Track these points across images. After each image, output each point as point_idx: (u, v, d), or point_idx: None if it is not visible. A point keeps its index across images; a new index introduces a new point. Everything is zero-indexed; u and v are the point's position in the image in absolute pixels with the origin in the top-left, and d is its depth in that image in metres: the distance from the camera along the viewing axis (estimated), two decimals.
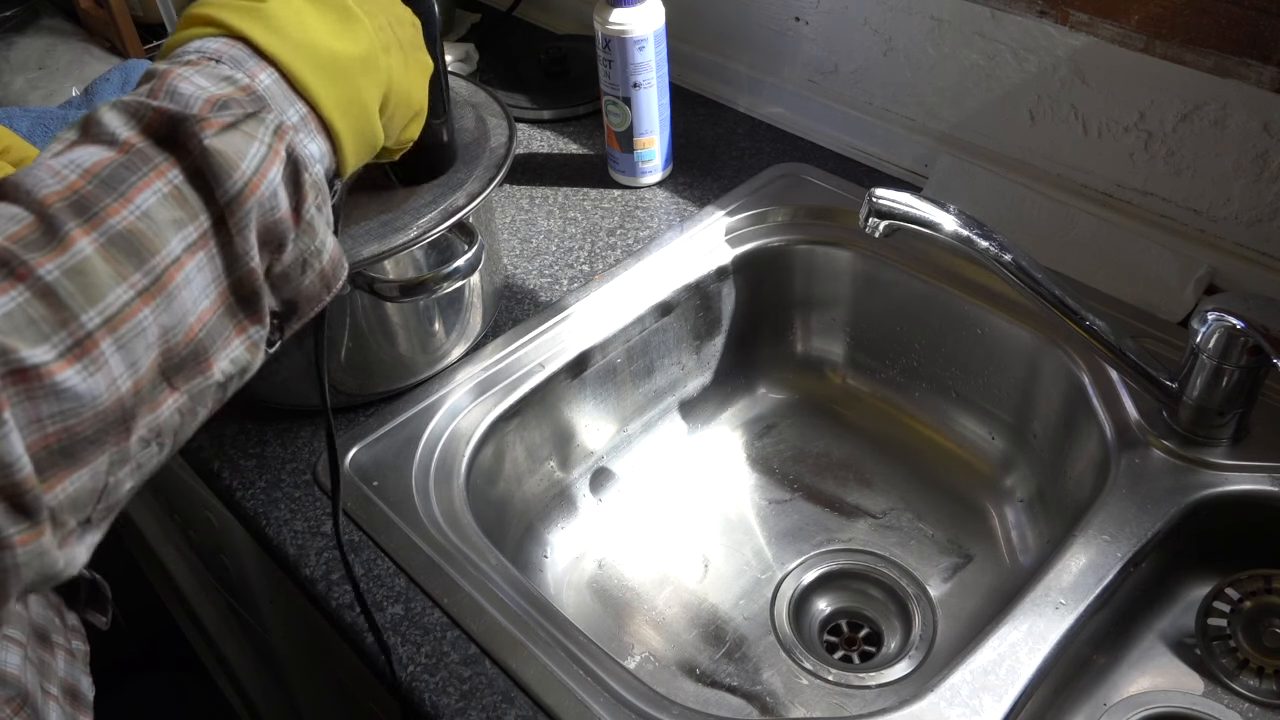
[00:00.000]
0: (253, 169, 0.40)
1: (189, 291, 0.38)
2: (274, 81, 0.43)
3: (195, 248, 0.38)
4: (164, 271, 0.37)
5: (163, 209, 0.37)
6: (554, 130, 1.06)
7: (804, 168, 0.96)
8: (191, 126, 0.39)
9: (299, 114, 0.44)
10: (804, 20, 0.97)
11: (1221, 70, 0.72)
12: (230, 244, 0.40)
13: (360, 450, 0.73)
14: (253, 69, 0.43)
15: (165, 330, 0.37)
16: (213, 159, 0.39)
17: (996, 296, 0.82)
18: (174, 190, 0.38)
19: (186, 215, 0.38)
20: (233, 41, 0.43)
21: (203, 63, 0.42)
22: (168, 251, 0.37)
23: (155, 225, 0.37)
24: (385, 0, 0.51)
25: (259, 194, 0.40)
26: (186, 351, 0.38)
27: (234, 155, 0.39)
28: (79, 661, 0.54)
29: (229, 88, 0.41)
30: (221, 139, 0.39)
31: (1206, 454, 0.68)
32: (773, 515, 0.88)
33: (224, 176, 0.39)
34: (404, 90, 0.50)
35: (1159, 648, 0.70)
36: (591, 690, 0.58)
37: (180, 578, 1.12)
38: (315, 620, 0.67)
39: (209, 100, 0.40)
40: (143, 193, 0.37)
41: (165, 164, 0.38)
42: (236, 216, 0.39)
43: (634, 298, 0.85)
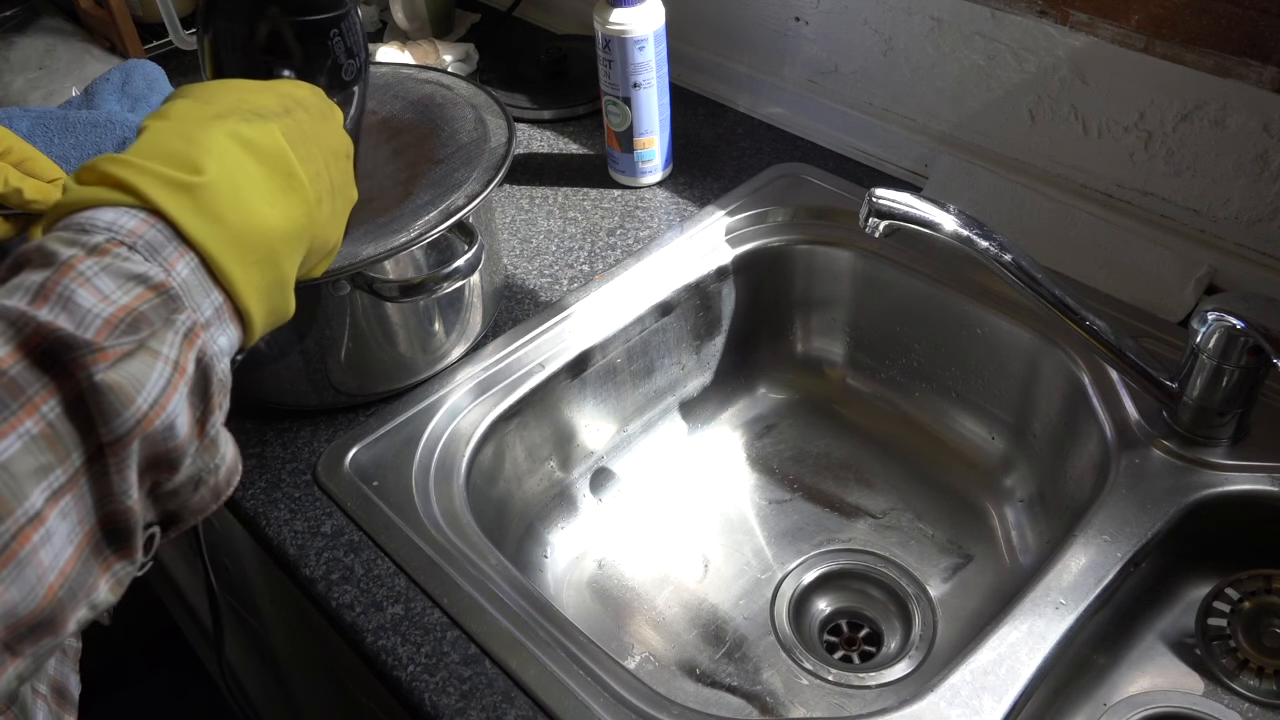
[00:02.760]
0: (150, 402, 0.34)
1: (47, 550, 0.32)
2: (191, 271, 0.38)
3: (61, 493, 0.33)
4: (16, 535, 0.31)
5: (27, 456, 0.32)
6: (554, 130, 1.06)
7: (804, 168, 0.96)
8: (81, 356, 0.33)
9: (214, 306, 0.39)
10: (804, 20, 0.97)
11: (1221, 70, 0.72)
12: (106, 481, 0.34)
13: (360, 450, 0.73)
14: (170, 257, 0.37)
15: (11, 605, 0.32)
16: (102, 396, 0.33)
17: (996, 296, 0.82)
18: (46, 429, 0.32)
19: (56, 458, 0.32)
20: (153, 220, 0.38)
21: (111, 249, 0.36)
22: (24, 509, 0.32)
23: (14, 480, 0.31)
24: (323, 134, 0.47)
25: (153, 429, 0.35)
26: (38, 619, 0.33)
27: (129, 389, 0.34)
28: (69, 659, 0.54)
29: (138, 290, 0.36)
30: (117, 370, 0.34)
31: (1206, 454, 0.68)
32: (773, 515, 0.88)
33: (112, 415, 0.33)
34: (325, 238, 0.47)
35: (1159, 648, 0.70)
36: (591, 690, 0.58)
37: (180, 578, 1.12)
38: (315, 620, 0.67)
39: (109, 321, 0.34)
40: (6, 438, 0.31)
41: (41, 394, 0.32)
42: (119, 455, 0.34)
43: (634, 298, 0.85)
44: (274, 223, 0.41)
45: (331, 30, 0.52)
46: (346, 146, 0.50)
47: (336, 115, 0.50)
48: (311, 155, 0.45)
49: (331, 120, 0.49)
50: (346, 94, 0.53)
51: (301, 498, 0.71)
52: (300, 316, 0.71)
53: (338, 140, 0.49)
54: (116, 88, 0.99)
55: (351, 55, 0.53)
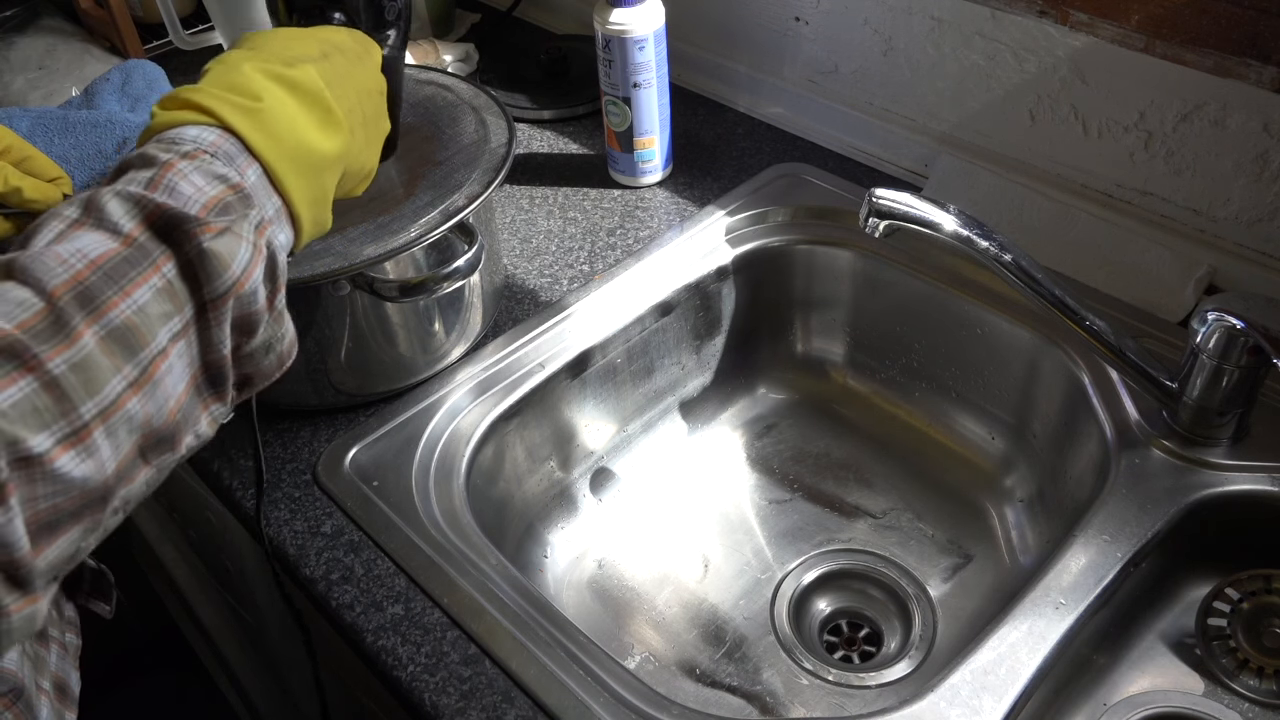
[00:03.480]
0: (240, 270, 0.43)
1: (170, 379, 0.41)
2: (258, 177, 0.46)
3: (178, 337, 0.41)
4: (151, 362, 0.40)
5: (155, 303, 0.40)
6: (554, 130, 1.06)
7: (804, 168, 0.96)
8: (191, 228, 0.41)
9: (275, 208, 0.47)
10: (804, 20, 0.97)
11: (1221, 70, 0.72)
12: (208, 332, 0.43)
13: (360, 450, 0.73)
14: (242, 165, 0.46)
15: (149, 416, 0.40)
16: (208, 260, 0.41)
17: (996, 296, 0.82)
18: (166, 285, 0.41)
19: (174, 308, 0.41)
20: (226, 135, 0.46)
21: (199, 155, 0.44)
22: (155, 344, 0.40)
23: (148, 319, 0.40)
24: (357, 74, 0.54)
25: (243, 291, 0.43)
26: (164, 433, 0.41)
27: (227, 257, 0.42)
28: (70, 655, 0.54)
29: (222, 187, 0.44)
30: (217, 242, 0.42)
31: (1206, 454, 0.68)
32: (773, 515, 0.88)
33: (215, 276, 0.42)
34: (360, 163, 0.54)
35: (1159, 648, 0.70)
36: (591, 690, 0.58)
37: (180, 578, 1.12)
38: (315, 620, 0.67)
39: (206, 204, 0.43)
40: (140, 288, 0.40)
41: (161, 258, 0.41)
42: (219, 310, 0.43)
43: (634, 298, 0.85)
44: (316, 145, 0.49)
45: None
46: (380, 83, 0.56)
47: (374, 55, 0.56)
48: (345, 92, 0.52)
49: (368, 60, 0.55)
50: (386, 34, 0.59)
51: (301, 498, 0.71)
52: (300, 316, 0.71)
53: (371, 79, 0.55)
54: (116, 88, 0.99)
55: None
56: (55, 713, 0.50)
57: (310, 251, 0.68)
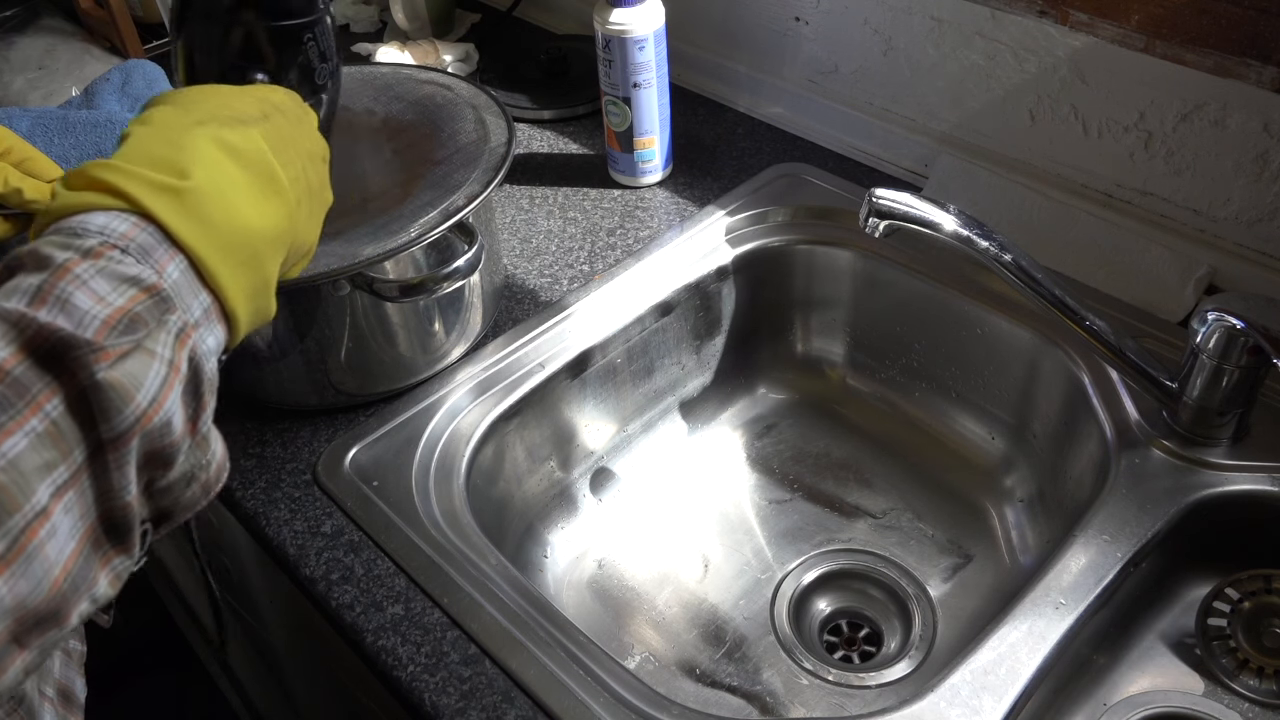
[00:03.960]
0: (149, 399, 0.36)
1: (53, 544, 0.33)
2: (181, 273, 0.39)
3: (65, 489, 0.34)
4: (25, 529, 0.32)
5: (33, 453, 0.33)
6: (554, 130, 1.06)
7: (804, 168, 0.96)
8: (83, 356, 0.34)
9: (203, 307, 0.40)
10: (804, 20, 0.97)
11: (1221, 70, 0.72)
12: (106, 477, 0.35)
13: (360, 450, 0.73)
14: (161, 260, 0.38)
15: (21, 598, 0.33)
16: (104, 394, 0.34)
17: (996, 296, 0.82)
18: (50, 427, 0.33)
19: (59, 454, 0.33)
20: (143, 223, 0.38)
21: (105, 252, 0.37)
22: (31, 505, 0.32)
23: (20, 476, 0.32)
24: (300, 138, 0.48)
25: (151, 425, 0.36)
26: (45, 611, 0.34)
27: (129, 386, 0.35)
28: (74, 662, 0.54)
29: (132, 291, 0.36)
30: (117, 369, 0.35)
31: (1206, 454, 0.68)
32: (773, 515, 0.88)
33: (114, 413, 0.34)
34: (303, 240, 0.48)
35: (1159, 648, 0.70)
36: (591, 690, 0.58)
37: (180, 578, 1.12)
38: (315, 620, 0.67)
39: (106, 321, 0.35)
40: (13, 436, 0.32)
41: (44, 393, 0.33)
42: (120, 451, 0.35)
43: (634, 298, 0.85)
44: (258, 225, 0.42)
45: (305, 35, 0.52)
46: (323, 149, 0.51)
47: (311, 119, 0.50)
48: (291, 159, 0.45)
49: (307, 123, 0.49)
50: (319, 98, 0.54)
51: (301, 498, 0.71)
52: (300, 316, 0.71)
53: (314, 143, 0.49)
54: (116, 88, 0.99)
55: (325, 59, 0.53)
56: (59, 718, 0.50)
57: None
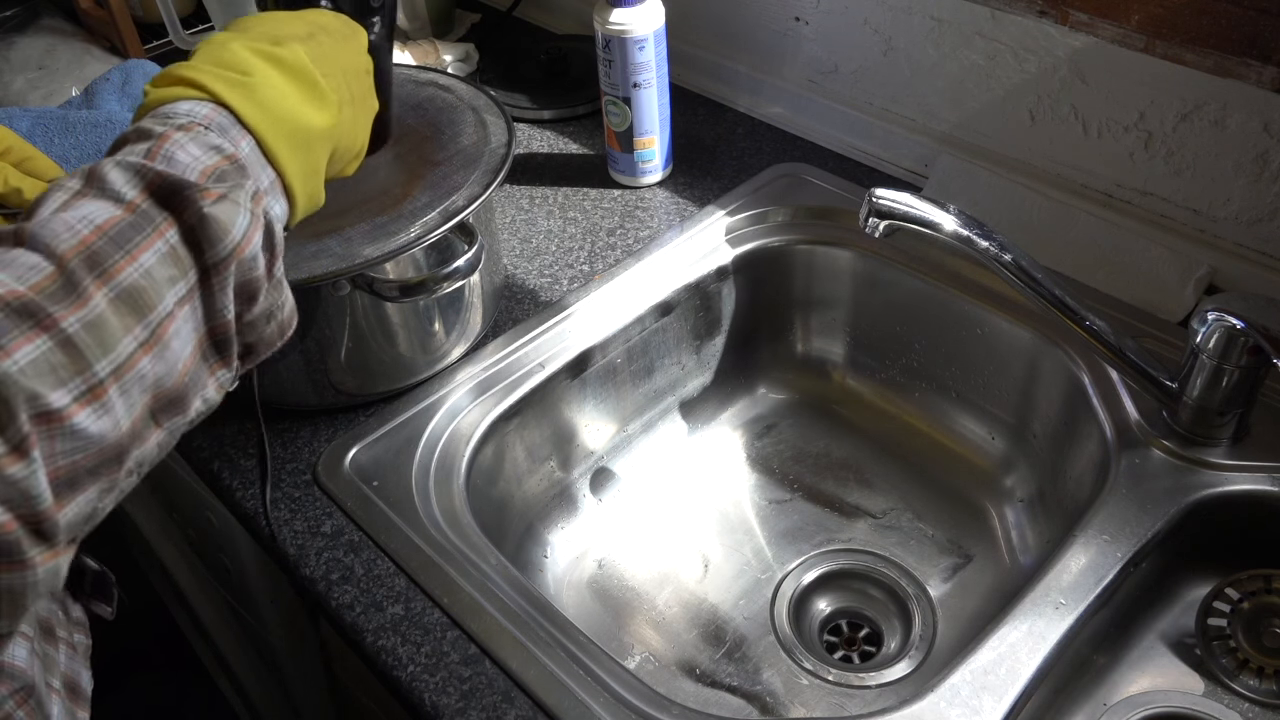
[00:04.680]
0: (240, 235, 0.44)
1: (178, 341, 0.42)
2: (251, 149, 0.47)
3: (184, 301, 0.42)
4: (159, 324, 0.41)
5: (161, 267, 0.41)
6: (554, 130, 1.06)
7: (804, 168, 0.96)
8: (192, 194, 0.42)
9: (269, 180, 0.48)
10: (804, 20, 0.97)
11: (1221, 70, 0.72)
12: (212, 298, 0.44)
13: (360, 450, 0.73)
14: (236, 137, 0.46)
15: (159, 377, 0.41)
16: (209, 226, 0.42)
17: (996, 296, 0.82)
18: (170, 250, 0.42)
19: (179, 272, 0.42)
20: (219, 109, 0.46)
21: (193, 128, 0.45)
22: (163, 306, 0.41)
23: (155, 282, 0.41)
24: (344, 53, 0.54)
25: (243, 256, 0.44)
26: (174, 394, 0.42)
27: (226, 222, 0.43)
28: (80, 655, 0.55)
29: (217, 157, 0.45)
30: (216, 208, 0.43)
31: (1206, 454, 0.68)
32: (773, 515, 0.88)
33: (216, 241, 0.43)
34: (350, 141, 0.55)
35: (1159, 648, 0.70)
36: (591, 690, 0.58)
37: (180, 578, 1.12)
38: (315, 620, 0.67)
39: (204, 171, 0.43)
40: (145, 252, 0.41)
41: (164, 224, 0.42)
42: (222, 275, 0.43)
43: (634, 298, 0.85)
44: (306, 119, 0.49)
45: None
46: (366, 64, 0.57)
47: (359, 37, 0.57)
48: (332, 70, 0.52)
49: (354, 41, 0.56)
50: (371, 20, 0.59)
51: (301, 498, 0.71)
52: (300, 316, 0.71)
53: (358, 59, 0.56)
54: (116, 88, 0.99)
55: None
56: (67, 711, 0.51)
57: (310, 252, 0.68)
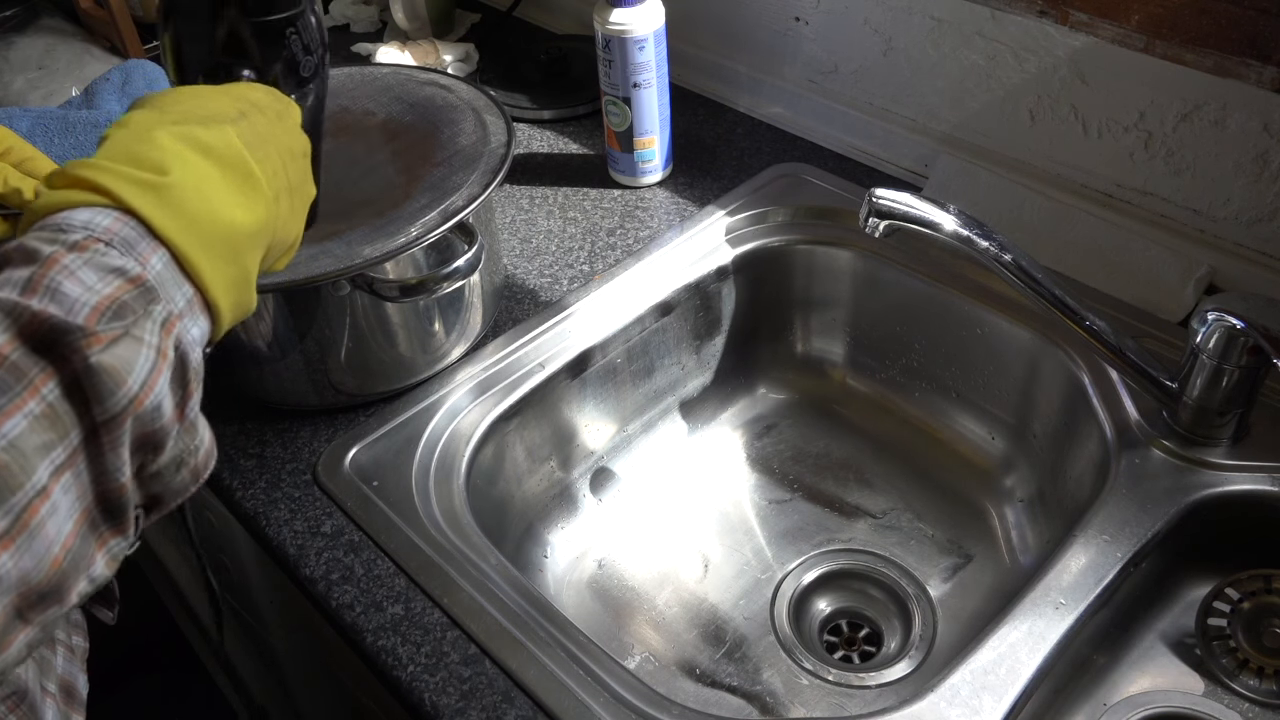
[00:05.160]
0: (139, 383, 0.37)
1: (53, 522, 0.35)
2: (165, 265, 0.40)
3: (62, 469, 0.35)
4: (26, 508, 0.34)
5: (32, 434, 0.34)
6: (554, 130, 1.06)
7: (804, 168, 0.96)
8: (75, 341, 0.35)
9: (185, 298, 0.41)
10: (804, 20, 0.97)
11: (1221, 70, 0.72)
12: (101, 459, 0.37)
13: (360, 450, 0.73)
14: (144, 252, 0.40)
15: (25, 573, 0.34)
16: (97, 377, 0.36)
17: (996, 296, 0.82)
18: (47, 409, 0.35)
19: (57, 435, 0.35)
20: (125, 218, 0.40)
21: (90, 245, 0.38)
22: (33, 483, 0.34)
23: (21, 455, 0.34)
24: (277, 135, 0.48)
25: (143, 408, 0.37)
26: (47, 587, 0.35)
27: (121, 370, 0.36)
28: (77, 658, 0.54)
29: (117, 282, 0.38)
30: (108, 354, 0.36)
31: (1206, 454, 0.68)
32: (773, 515, 0.88)
33: (107, 395, 0.36)
34: (285, 234, 0.49)
35: (1159, 648, 0.70)
36: (591, 690, 0.58)
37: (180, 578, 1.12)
38: (315, 620, 0.67)
39: (96, 308, 0.36)
40: (12, 418, 0.34)
41: (40, 377, 0.35)
42: (115, 433, 0.37)
43: (634, 298, 0.85)
44: (236, 220, 0.43)
45: (288, 29, 0.52)
46: (303, 145, 0.51)
47: (293, 114, 0.51)
48: (268, 155, 0.46)
49: (288, 119, 0.50)
50: (305, 91, 0.54)
51: (301, 498, 0.71)
52: (300, 316, 0.71)
53: (294, 139, 0.50)
54: (116, 88, 0.99)
55: (309, 52, 0.54)
56: (61, 715, 0.50)
57: (310, 252, 0.68)
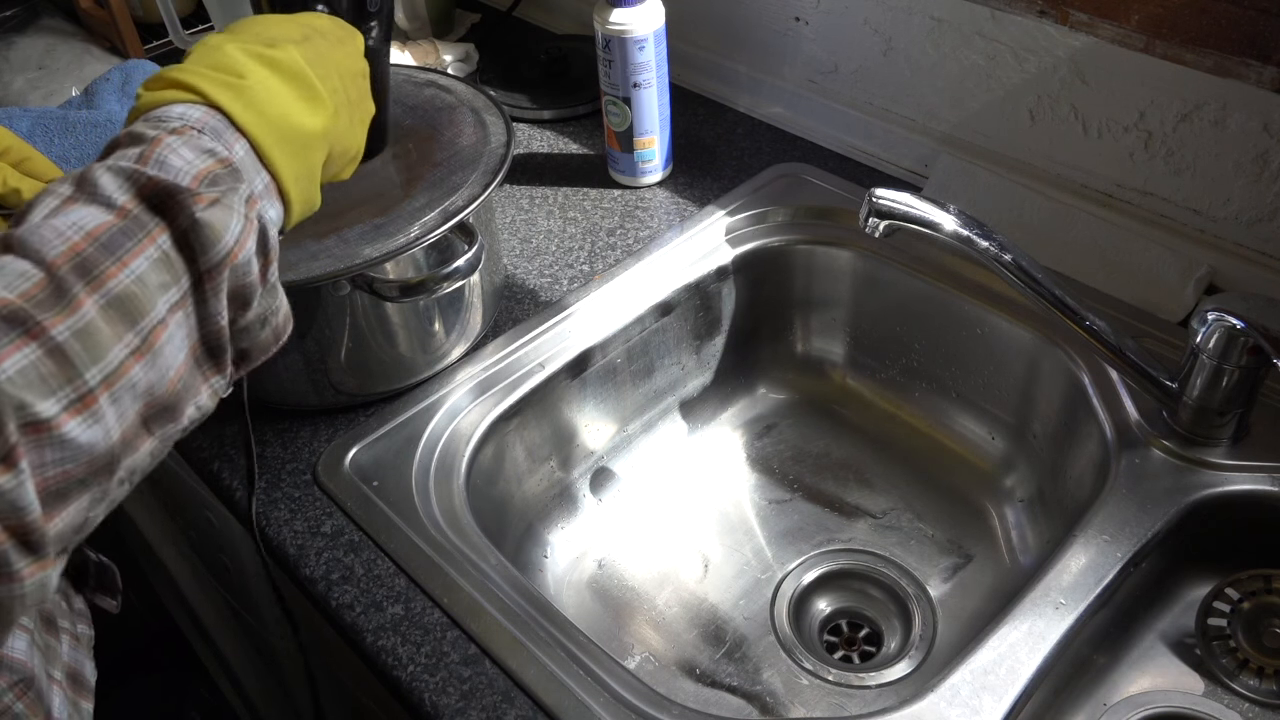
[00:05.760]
0: (233, 240, 0.43)
1: (170, 348, 0.41)
2: (246, 153, 0.46)
3: (176, 307, 0.42)
4: (151, 331, 0.40)
5: (153, 274, 0.40)
6: (554, 130, 1.06)
7: (804, 168, 0.96)
8: (184, 199, 0.42)
9: (263, 183, 0.47)
10: (804, 20, 0.97)
11: (1221, 70, 0.72)
12: (205, 304, 0.43)
13: (360, 450, 0.73)
14: (229, 140, 0.46)
15: (151, 384, 0.41)
16: (202, 231, 0.42)
17: (996, 296, 0.82)
18: (162, 255, 0.41)
19: (171, 278, 0.41)
20: (212, 112, 0.46)
21: (186, 131, 0.44)
22: (155, 313, 0.40)
23: (146, 289, 0.40)
24: (339, 56, 0.54)
25: (237, 262, 0.44)
26: (166, 402, 0.42)
27: (219, 227, 0.42)
28: (83, 646, 0.55)
29: (211, 160, 0.44)
30: (209, 213, 0.42)
31: (1206, 454, 0.68)
32: (773, 515, 0.88)
33: (209, 246, 0.42)
34: (345, 144, 0.54)
35: (1159, 648, 0.70)
36: (591, 690, 0.58)
37: (180, 578, 1.12)
38: (315, 620, 0.67)
39: (197, 176, 0.43)
40: (137, 258, 0.40)
41: (156, 230, 0.41)
42: (215, 281, 0.43)
43: (634, 298, 0.85)
44: (301, 122, 0.49)
45: None
46: (362, 67, 0.56)
47: (355, 40, 0.56)
48: (328, 73, 0.52)
49: (349, 44, 0.55)
50: (369, 25, 0.59)
51: (301, 498, 0.71)
52: (300, 316, 0.71)
53: (354, 62, 0.55)
54: (116, 88, 0.99)
55: None
56: (69, 702, 0.51)
57: (310, 252, 0.68)
